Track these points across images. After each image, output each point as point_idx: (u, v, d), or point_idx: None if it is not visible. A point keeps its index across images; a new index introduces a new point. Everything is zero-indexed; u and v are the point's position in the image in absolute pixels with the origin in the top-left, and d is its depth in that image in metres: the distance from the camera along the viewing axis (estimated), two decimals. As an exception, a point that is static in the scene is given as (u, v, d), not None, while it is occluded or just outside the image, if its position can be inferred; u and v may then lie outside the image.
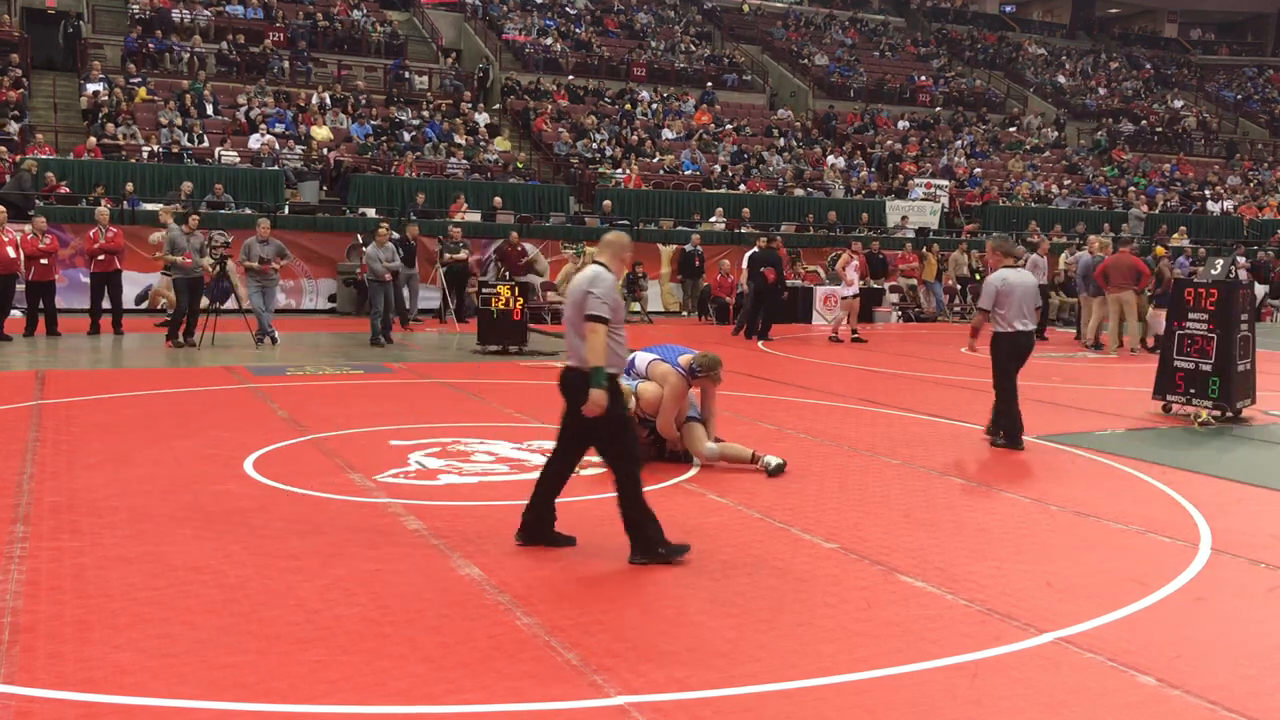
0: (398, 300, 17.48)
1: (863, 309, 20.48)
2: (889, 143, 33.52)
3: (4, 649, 4.43)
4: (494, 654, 4.54)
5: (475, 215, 22.47)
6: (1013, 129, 37.91)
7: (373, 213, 21.46)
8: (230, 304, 15.91)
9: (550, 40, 34.18)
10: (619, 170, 26.82)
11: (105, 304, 16.29)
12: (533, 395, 11.69)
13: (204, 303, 15.45)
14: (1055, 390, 12.98)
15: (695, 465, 8.31)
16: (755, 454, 8.20)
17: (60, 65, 27.94)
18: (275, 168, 22.75)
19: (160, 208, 18.38)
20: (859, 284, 19.07)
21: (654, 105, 31.95)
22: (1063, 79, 43.32)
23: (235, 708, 3.98)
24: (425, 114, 27.91)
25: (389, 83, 29.72)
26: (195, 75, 26.47)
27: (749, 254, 19.14)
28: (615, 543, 6.00)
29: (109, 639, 4.56)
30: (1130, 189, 34.11)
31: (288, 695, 4.10)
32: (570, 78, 32.44)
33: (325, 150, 24.47)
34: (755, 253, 18.80)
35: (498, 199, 23.20)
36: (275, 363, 13.59)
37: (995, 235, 10.77)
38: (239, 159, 23.07)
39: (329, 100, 26.89)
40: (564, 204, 24.81)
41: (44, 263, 15.63)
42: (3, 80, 23.70)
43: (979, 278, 21.92)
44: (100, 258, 16.12)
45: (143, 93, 24.87)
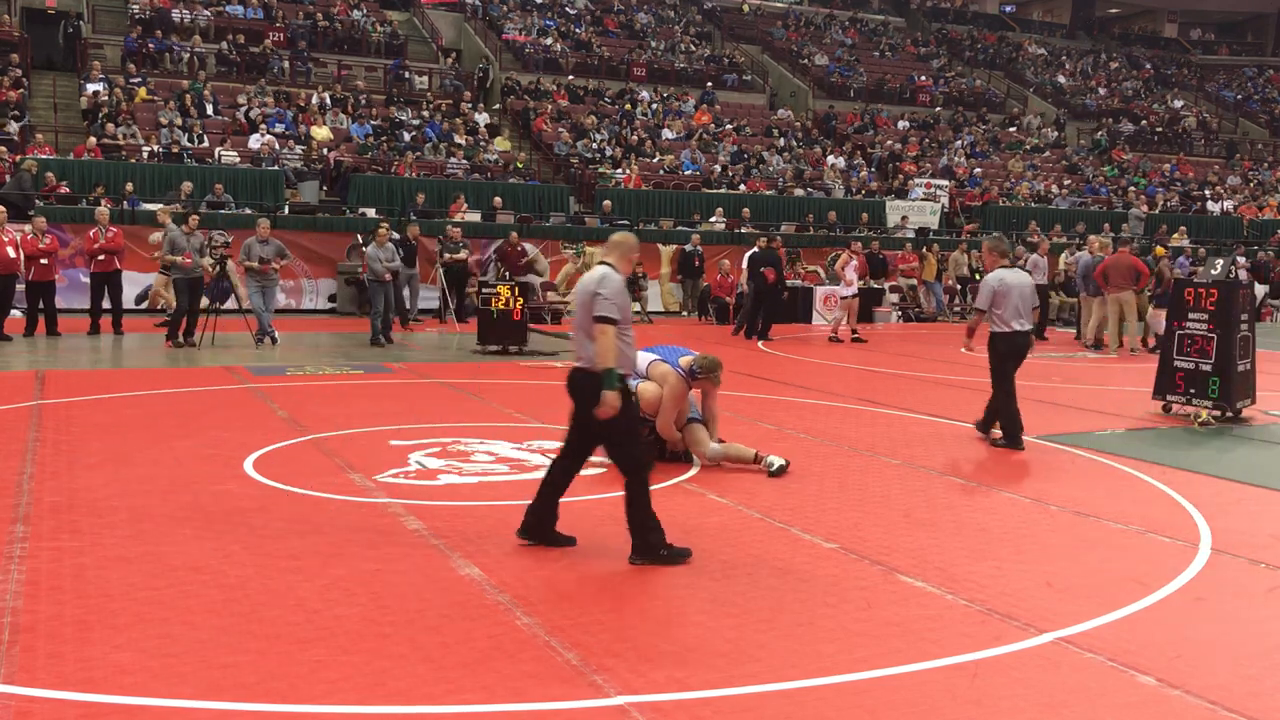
0: (398, 300, 17.49)
1: (863, 309, 20.46)
2: (889, 143, 33.52)
3: (4, 649, 4.43)
4: (494, 654, 4.54)
5: (475, 215, 22.47)
6: (1013, 129, 37.91)
7: (373, 213, 21.46)
8: (230, 304, 15.92)
9: (550, 40, 34.18)
10: (619, 170, 26.82)
11: (105, 304, 16.31)
12: (533, 395, 11.70)
13: (204, 303, 15.46)
14: (1055, 390, 12.98)
15: (695, 465, 8.31)
16: (758, 454, 8.20)
17: (60, 65, 27.94)
18: (275, 168, 22.75)
19: (158, 208, 18.39)
20: (858, 284, 19.08)
21: (654, 105, 31.95)
22: (1063, 79, 43.31)
23: (235, 708, 3.98)
24: (425, 114, 27.91)
25: (389, 83, 29.72)
26: (195, 75, 26.46)
27: (749, 254, 19.14)
28: (615, 543, 6.00)
29: (109, 639, 4.56)
30: (1130, 189, 34.11)
31: (288, 695, 4.10)
32: (570, 78, 32.43)
33: (325, 150, 24.47)
34: (755, 253, 18.81)
35: (498, 199, 23.21)
36: (275, 363, 13.59)
37: (990, 236, 10.79)
38: (239, 159, 23.08)
39: (329, 100, 26.89)
40: (564, 204, 24.80)
41: (44, 263, 15.64)
42: (3, 80, 23.70)
43: (979, 278, 21.86)
44: (100, 258, 16.13)
45: (143, 93, 24.87)
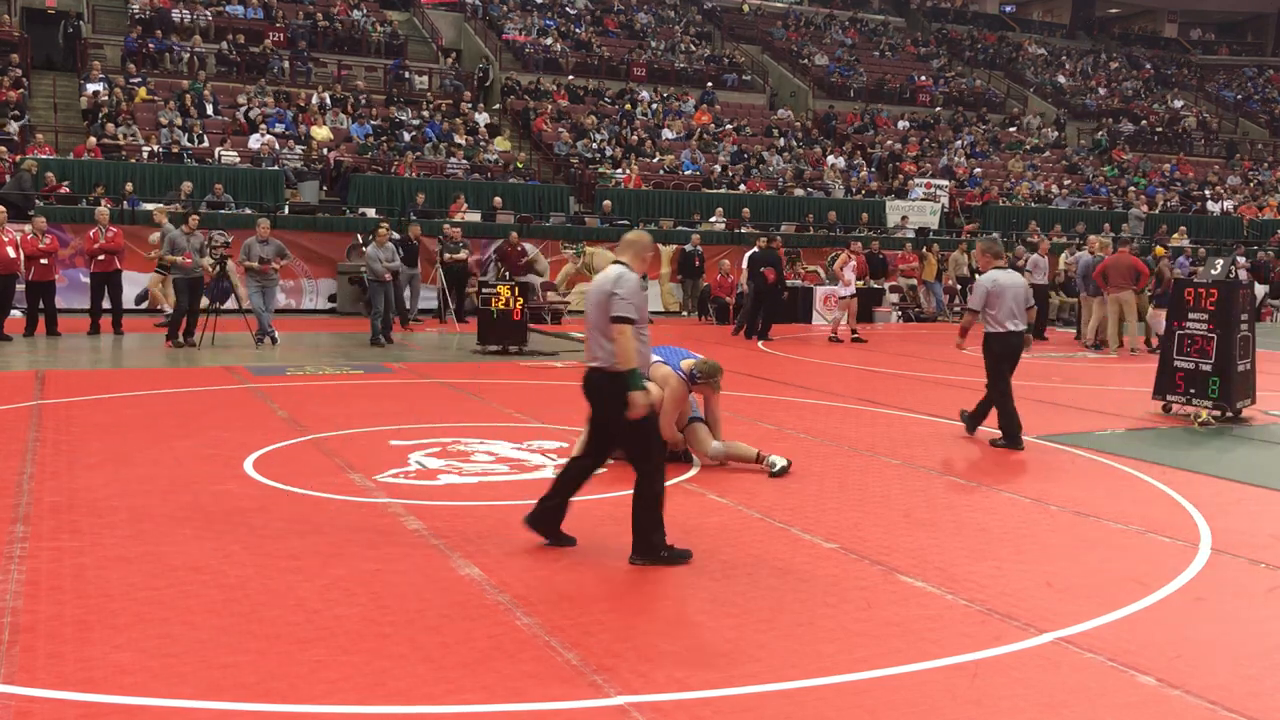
0: (398, 300, 17.49)
1: (862, 309, 20.45)
2: (889, 143, 33.52)
3: (4, 649, 4.43)
4: (494, 654, 4.54)
5: (475, 215, 22.48)
6: (1013, 129, 37.92)
7: (373, 213, 21.47)
8: (230, 304, 15.92)
9: (550, 40, 34.18)
10: (619, 170, 26.82)
11: (105, 304, 16.32)
12: (533, 395, 11.70)
13: (204, 303, 15.46)
14: (1055, 390, 12.98)
15: (695, 465, 8.31)
16: (760, 453, 8.20)
17: (60, 65, 27.95)
18: (275, 168, 22.75)
19: (155, 208, 18.39)
20: (857, 284, 19.07)
21: (654, 105, 31.95)
22: (1063, 79, 43.31)
23: (235, 708, 3.98)
24: (425, 114, 27.91)
25: (389, 83, 29.72)
26: (195, 75, 26.47)
27: (749, 254, 19.13)
28: (615, 543, 6.00)
29: (109, 639, 4.56)
30: (1130, 189, 34.11)
31: (288, 695, 4.10)
32: (570, 78, 32.43)
33: (325, 150, 24.48)
34: (755, 253, 18.80)
35: (498, 199, 23.21)
36: (275, 363, 13.59)
37: (984, 237, 10.85)
38: (239, 159, 23.08)
39: (329, 100, 26.89)
40: (564, 204, 24.81)
41: (44, 263, 15.65)
42: (3, 80, 23.70)
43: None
44: (100, 258, 16.14)
45: (143, 93, 24.87)
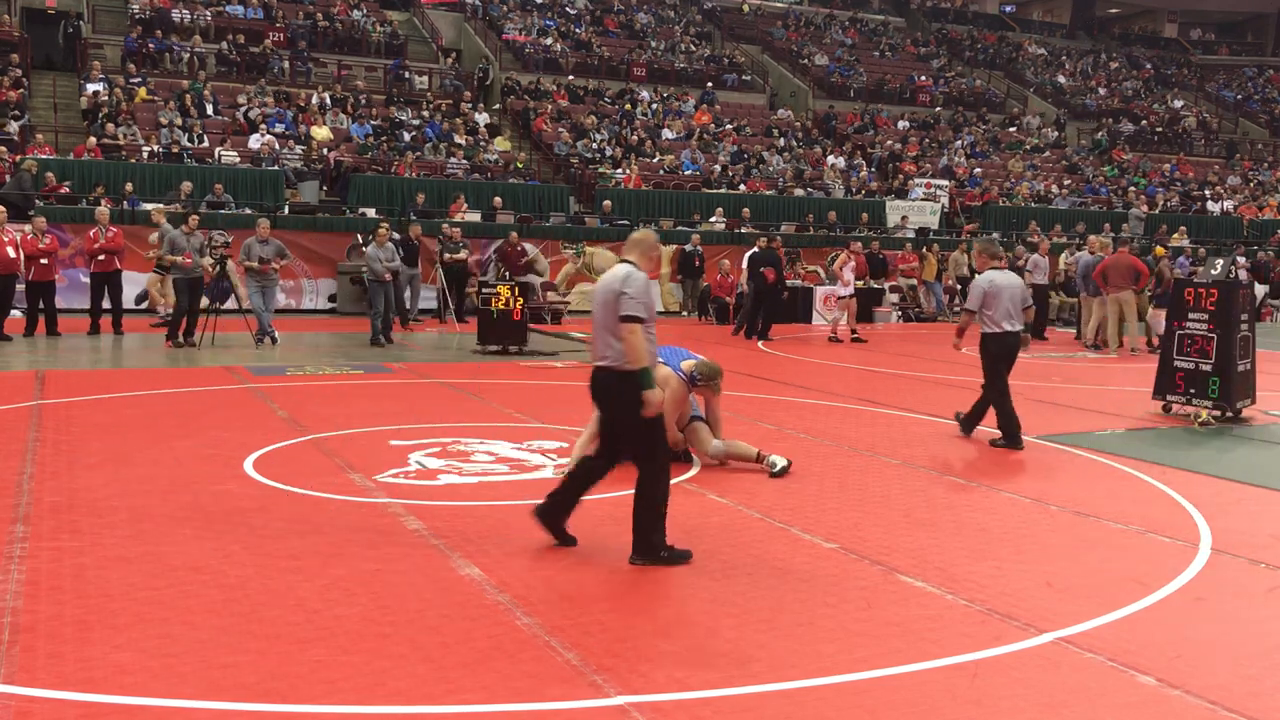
0: (398, 300, 17.48)
1: (862, 309, 20.44)
2: (889, 143, 33.52)
3: (4, 649, 4.43)
4: (494, 654, 4.54)
5: (475, 215, 22.47)
6: (1013, 129, 37.91)
7: (373, 213, 21.46)
8: (230, 304, 15.92)
9: (550, 40, 34.18)
10: (619, 170, 26.82)
11: (105, 304, 16.31)
12: (533, 395, 11.70)
13: (204, 303, 15.46)
14: (1055, 390, 12.98)
15: (695, 465, 8.31)
16: (761, 453, 8.19)
17: (60, 65, 27.95)
18: (275, 168, 22.75)
19: (153, 207, 18.38)
20: (856, 284, 19.06)
21: (654, 105, 31.95)
22: (1063, 79, 43.32)
23: (235, 708, 3.98)
24: (425, 114, 27.91)
25: (389, 83, 29.72)
26: (195, 75, 26.47)
27: (749, 254, 19.13)
28: (615, 543, 6.00)
29: (109, 639, 4.56)
30: (1130, 189, 34.11)
31: (288, 695, 4.10)
32: (570, 78, 32.43)
33: (325, 150, 24.47)
34: (755, 253, 18.80)
35: (498, 199, 23.21)
36: (275, 363, 13.59)
37: (982, 238, 10.88)
38: (239, 159, 23.08)
39: (329, 100, 26.89)
40: (564, 204, 24.80)
41: (44, 263, 15.64)
42: (3, 80, 23.70)
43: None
44: (100, 258, 16.13)
45: (143, 93, 24.87)
